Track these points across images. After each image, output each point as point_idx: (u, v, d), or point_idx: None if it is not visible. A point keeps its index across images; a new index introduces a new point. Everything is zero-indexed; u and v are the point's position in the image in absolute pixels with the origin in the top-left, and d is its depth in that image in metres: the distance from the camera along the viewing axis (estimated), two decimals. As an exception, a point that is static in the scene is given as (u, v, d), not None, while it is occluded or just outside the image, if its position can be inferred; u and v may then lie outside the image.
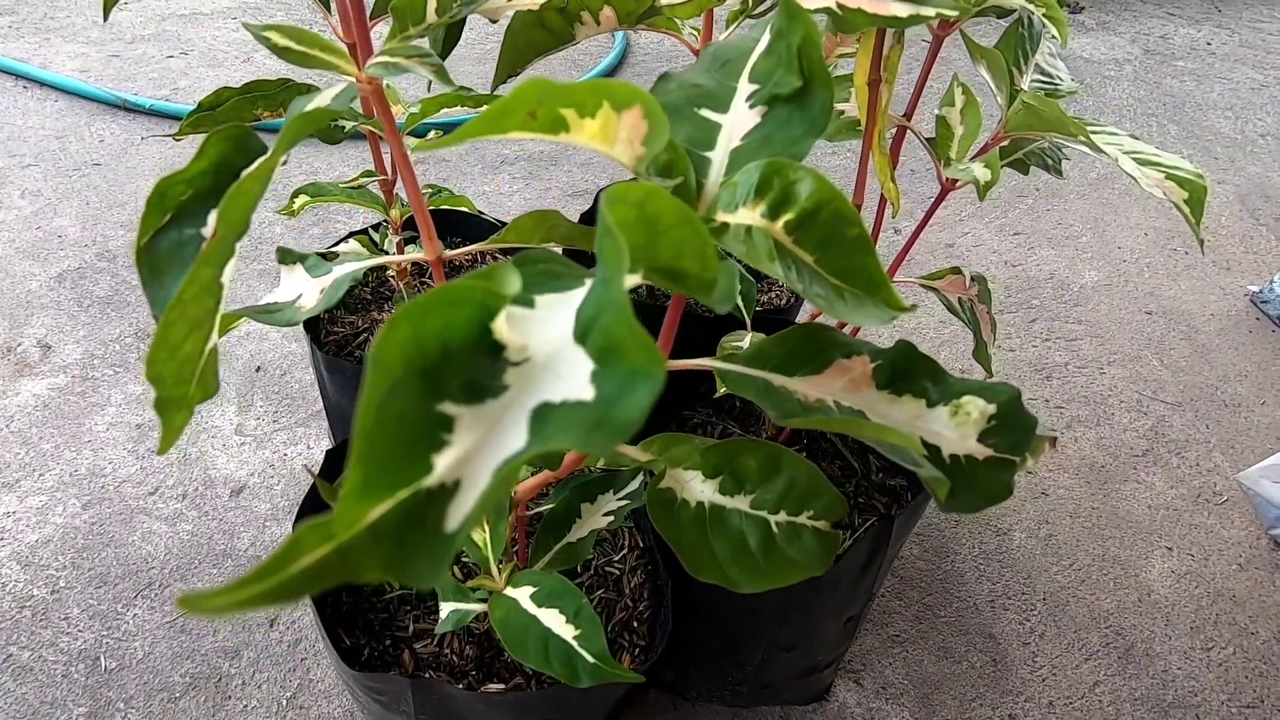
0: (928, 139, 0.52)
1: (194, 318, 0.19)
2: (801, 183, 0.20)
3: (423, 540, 0.11)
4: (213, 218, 0.22)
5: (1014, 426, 0.24)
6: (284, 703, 0.70)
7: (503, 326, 0.13)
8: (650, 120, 0.18)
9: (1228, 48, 2.05)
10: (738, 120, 0.22)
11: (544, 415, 0.12)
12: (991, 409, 0.24)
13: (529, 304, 0.14)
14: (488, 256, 0.81)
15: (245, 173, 0.22)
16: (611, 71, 1.66)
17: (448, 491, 0.11)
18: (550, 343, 0.13)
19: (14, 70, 1.49)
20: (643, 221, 0.15)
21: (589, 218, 0.80)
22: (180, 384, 0.19)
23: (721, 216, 0.20)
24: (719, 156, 0.22)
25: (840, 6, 0.24)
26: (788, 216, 0.20)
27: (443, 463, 0.11)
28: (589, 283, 0.17)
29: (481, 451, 0.11)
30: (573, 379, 0.12)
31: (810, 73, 0.21)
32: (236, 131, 0.23)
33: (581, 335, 0.13)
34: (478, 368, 0.12)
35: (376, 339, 0.11)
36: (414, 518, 0.11)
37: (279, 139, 0.20)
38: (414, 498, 0.11)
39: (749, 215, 0.20)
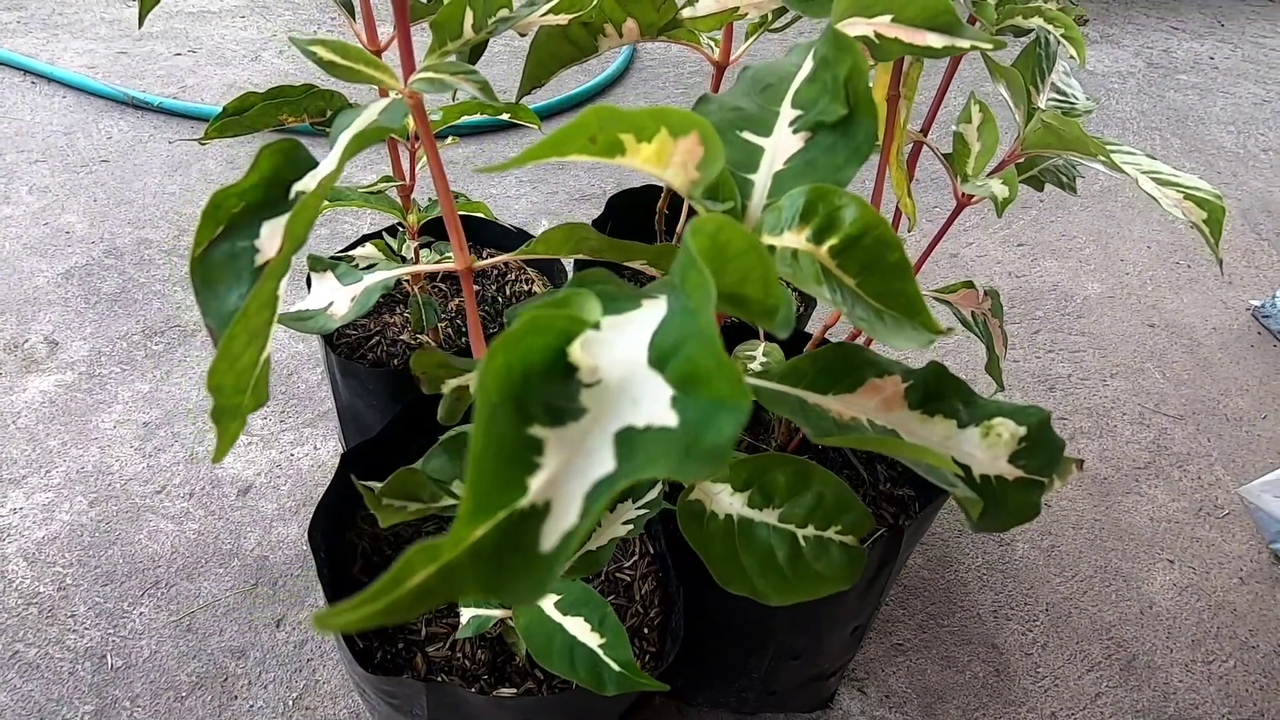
0: (944, 154, 0.53)
1: (254, 329, 0.19)
2: (846, 208, 0.20)
3: (519, 561, 0.11)
4: (265, 229, 0.22)
5: (1044, 449, 0.25)
6: (290, 703, 0.70)
7: (577, 350, 0.14)
8: (706, 146, 0.18)
9: (1230, 62, 2.06)
10: (781, 144, 0.22)
11: (630, 440, 0.12)
12: (1022, 431, 0.24)
13: (596, 327, 0.15)
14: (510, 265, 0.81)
15: (298, 187, 0.22)
16: (618, 78, 1.67)
17: (539, 513, 0.11)
18: (621, 365, 0.14)
19: (22, 66, 1.49)
20: (714, 250, 0.15)
21: (601, 224, 0.81)
22: (237, 393, 0.20)
23: (767, 239, 0.21)
24: (762, 179, 0.22)
25: (877, 35, 0.25)
26: (832, 241, 0.20)
27: (535, 484, 0.12)
28: (646, 304, 0.17)
29: (569, 473, 0.12)
30: (652, 404, 0.12)
31: (856, 102, 0.21)
32: (286, 145, 0.24)
33: (658, 361, 0.13)
34: (555, 391, 0.13)
35: (480, 369, 0.12)
36: (510, 539, 0.11)
37: (339, 156, 0.20)
38: (510, 519, 0.11)
39: (794, 239, 0.20)
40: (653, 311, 0.15)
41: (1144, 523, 0.91)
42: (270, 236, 0.21)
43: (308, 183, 0.22)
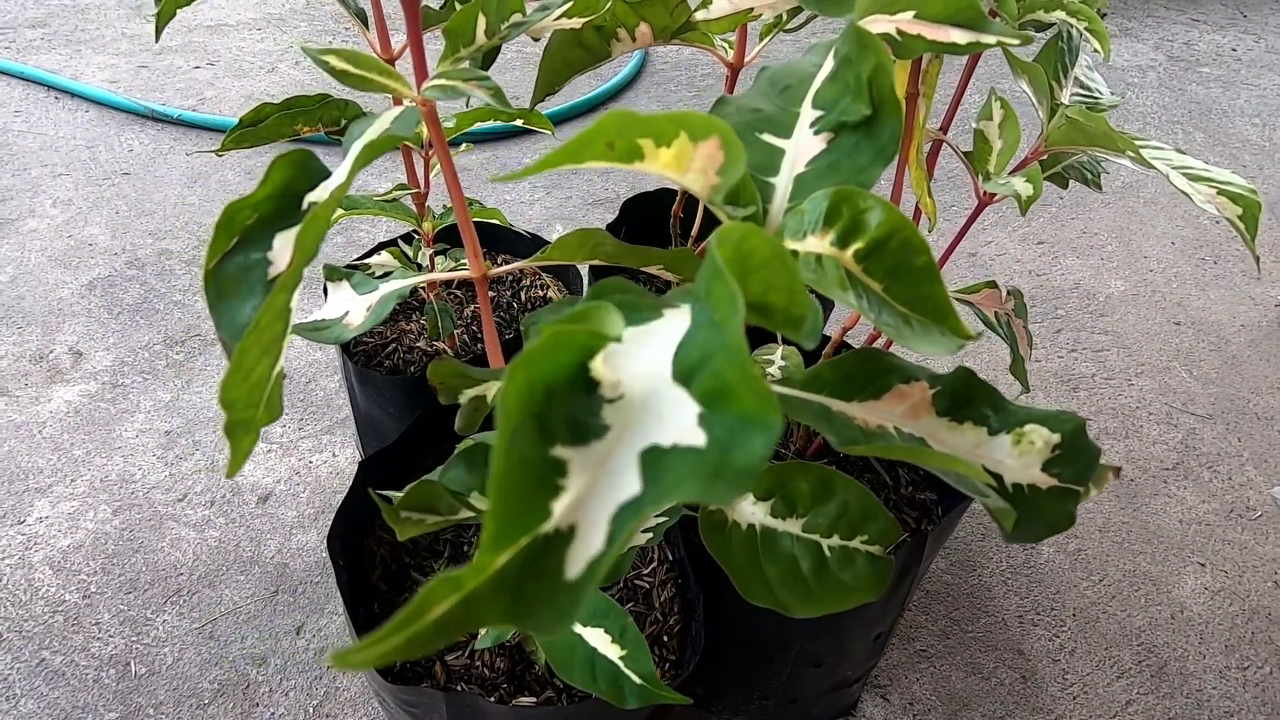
0: (965, 153, 0.52)
1: (265, 342, 0.19)
2: (871, 211, 0.20)
3: (543, 589, 0.10)
4: (278, 241, 0.22)
5: (1078, 456, 0.24)
6: (311, 710, 0.70)
7: (599, 364, 0.13)
8: (727, 150, 0.18)
9: (1253, 54, 2.02)
10: (801, 146, 0.22)
11: (656, 461, 0.12)
12: (1056, 438, 0.24)
13: (617, 339, 0.14)
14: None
15: (311, 198, 0.22)
16: (630, 81, 1.67)
17: (564, 537, 0.11)
18: (644, 380, 0.13)
19: (46, 81, 1.52)
20: (738, 259, 0.15)
21: (615, 228, 0.80)
22: (250, 407, 0.20)
23: (789, 244, 0.20)
24: (783, 182, 0.22)
25: (900, 32, 0.24)
26: (858, 245, 0.20)
27: (559, 507, 0.11)
28: (667, 314, 0.17)
29: (593, 495, 0.11)
30: (677, 422, 0.12)
31: (879, 101, 0.21)
32: (299, 156, 0.23)
33: (684, 376, 0.13)
34: (577, 405, 0.12)
35: (501, 388, 0.11)
36: (533, 565, 0.11)
37: (350, 166, 0.20)
38: (533, 544, 0.11)
39: (818, 243, 0.20)
40: (675, 322, 0.15)
41: (1173, 525, 0.89)
42: (283, 248, 0.21)
43: (320, 193, 0.21)
